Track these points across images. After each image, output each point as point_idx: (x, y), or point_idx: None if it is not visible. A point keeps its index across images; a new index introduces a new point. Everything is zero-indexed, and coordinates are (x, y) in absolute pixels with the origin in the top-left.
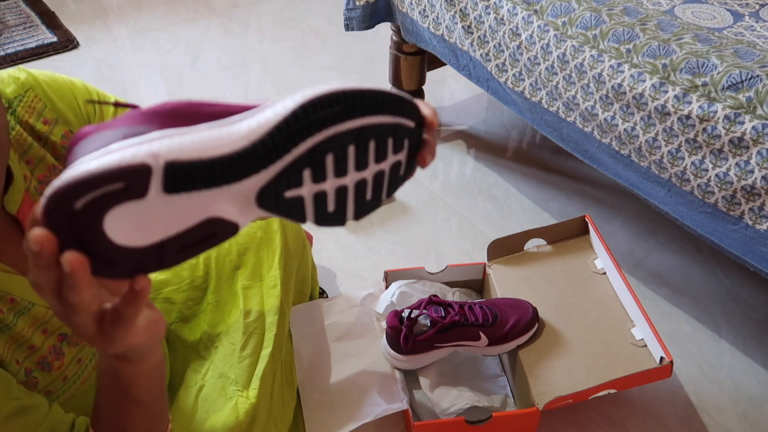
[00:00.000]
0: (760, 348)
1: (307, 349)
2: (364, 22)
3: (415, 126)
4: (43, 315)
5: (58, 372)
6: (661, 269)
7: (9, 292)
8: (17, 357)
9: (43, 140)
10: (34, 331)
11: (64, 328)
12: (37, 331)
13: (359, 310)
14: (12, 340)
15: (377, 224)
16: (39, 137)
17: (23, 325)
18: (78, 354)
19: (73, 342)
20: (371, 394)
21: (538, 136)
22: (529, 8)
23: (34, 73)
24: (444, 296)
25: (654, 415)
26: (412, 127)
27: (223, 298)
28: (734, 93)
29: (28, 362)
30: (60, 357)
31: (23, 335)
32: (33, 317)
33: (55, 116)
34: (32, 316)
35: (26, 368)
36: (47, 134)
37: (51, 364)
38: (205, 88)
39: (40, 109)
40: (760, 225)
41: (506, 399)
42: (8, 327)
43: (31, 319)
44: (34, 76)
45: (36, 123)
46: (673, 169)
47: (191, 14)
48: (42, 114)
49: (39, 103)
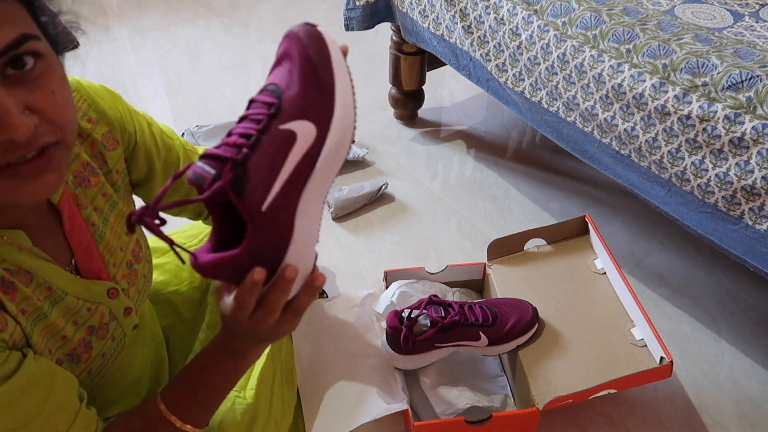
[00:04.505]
0: (760, 348)
1: (307, 349)
2: (364, 22)
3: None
4: (74, 305)
5: (85, 365)
6: (661, 269)
7: (48, 281)
8: (50, 347)
9: (83, 136)
10: (66, 321)
11: (92, 319)
12: (69, 322)
13: (359, 310)
14: (47, 329)
15: (377, 224)
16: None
17: (57, 314)
18: (103, 348)
19: (101, 335)
20: (371, 394)
21: (538, 136)
22: (529, 8)
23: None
24: (444, 296)
25: (654, 415)
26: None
27: None
28: (734, 93)
29: (60, 353)
30: (88, 350)
31: (57, 325)
32: (66, 307)
33: (97, 116)
34: (65, 306)
35: (57, 359)
36: (90, 131)
37: (80, 356)
38: (205, 88)
39: (85, 109)
40: (760, 225)
41: (506, 399)
42: (44, 316)
43: (64, 309)
44: (77, 80)
45: (81, 121)
46: (673, 169)
47: (191, 14)
48: (86, 113)
49: (84, 103)
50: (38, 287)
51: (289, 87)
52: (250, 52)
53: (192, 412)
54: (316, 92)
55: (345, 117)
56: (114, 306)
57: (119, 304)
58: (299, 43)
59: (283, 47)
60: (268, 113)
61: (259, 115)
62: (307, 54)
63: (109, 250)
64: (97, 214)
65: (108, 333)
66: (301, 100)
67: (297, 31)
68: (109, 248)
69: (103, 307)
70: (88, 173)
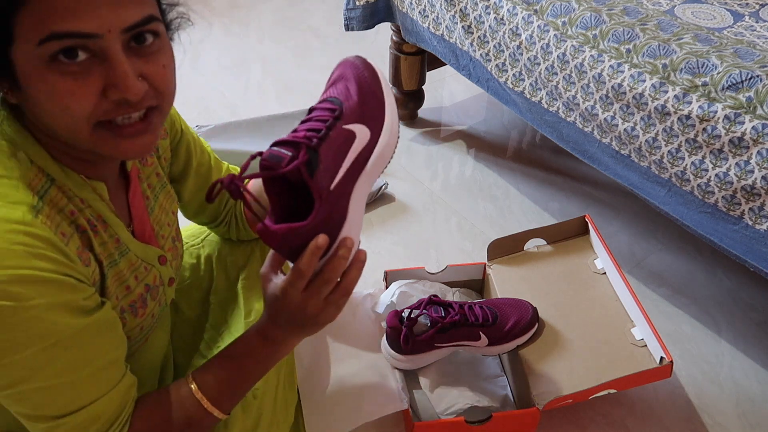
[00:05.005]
0: (760, 348)
1: (307, 349)
2: (364, 22)
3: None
4: (134, 261)
5: (140, 320)
6: (661, 269)
7: (117, 233)
8: (118, 294)
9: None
10: (130, 274)
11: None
12: (132, 276)
13: (359, 310)
14: (117, 277)
15: (377, 224)
16: None
17: (124, 265)
18: (153, 309)
19: (153, 295)
20: (371, 394)
21: (538, 136)
22: (529, 8)
23: None
24: (444, 296)
25: (654, 414)
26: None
27: (224, 297)
28: (734, 93)
29: (124, 302)
30: (144, 306)
31: (124, 275)
32: (129, 261)
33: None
34: (128, 260)
35: (121, 307)
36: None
37: (138, 310)
38: (205, 88)
39: None
40: (760, 225)
41: (506, 399)
42: (116, 263)
43: (128, 262)
44: None
45: None
46: (673, 169)
47: (191, 14)
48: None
49: None
50: (111, 237)
51: (347, 99)
52: (250, 52)
53: (221, 395)
54: (371, 104)
55: (392, 127)
56: (163, 272)
57: (166, 272)
58: (354, 67)
59: (338, 72)
60: (333, 116)
61: (323, 117)
62: (363, 75)
63: (158, 223)
64: (150, 189)
65: (158, 295)
66: (359, 108)
67: (351, 60)
68: (159, 221)
69: (155, 270)
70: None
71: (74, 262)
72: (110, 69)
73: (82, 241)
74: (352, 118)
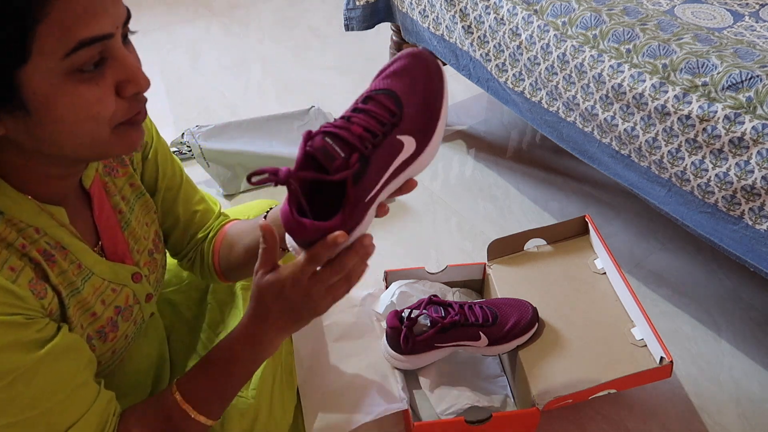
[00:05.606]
0: (760, 348)
1: (307, 349)
2: (364, 22)
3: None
4: (99, 285)
5: (111, 344)
6: (661, 269)
7: (78, 258)
8: (82, 322)
9: None
10: (95, 299)
11: (118, 300)
12: (98, 301)
13: (359, 310)
14: (80, 305)
15: (377, 224)
16: None
17: (88, 291)
18: (126, 330)
19: (126, 317)
20: (371, 394)
21: (538, 136)
22: (529, 8)
23: None
24: (444, 296)
25: (654, 415)
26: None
27: (222, 298)
28: (734, 93)
29: (90, 329)
30: (114, 329)
31: (88, 302)
32: (93, 286)
33: None
34: (93, 285)
35: (88, 334)
36: None
37: (107, 335)
38: (205, 88)
39: None
40: (760, 225)
41: (506, 399)
42: (78, 291)
43: (92, 288)
44: None
45: None
46: (673, 169)
47: (191, 14)
48: None
49: None
50: (72, 263)
51: (408, 103)
52: (250, 52)
53: (207, 402)
54: (426, 117)
55: (435, 144)
56: (138, 290)
57: (142, 289)
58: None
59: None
60: (392, 121)
61: (382, 117)
62: (430, 86)
63: (133, 237)
64: (124, 202)
65: (132, 315)
66: (416, 118)
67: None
68: (134, 235)
69: (127, 290)
70: (116, 164)
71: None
72: (119, 66)
73: (36, 273)
74: (407, 128)
